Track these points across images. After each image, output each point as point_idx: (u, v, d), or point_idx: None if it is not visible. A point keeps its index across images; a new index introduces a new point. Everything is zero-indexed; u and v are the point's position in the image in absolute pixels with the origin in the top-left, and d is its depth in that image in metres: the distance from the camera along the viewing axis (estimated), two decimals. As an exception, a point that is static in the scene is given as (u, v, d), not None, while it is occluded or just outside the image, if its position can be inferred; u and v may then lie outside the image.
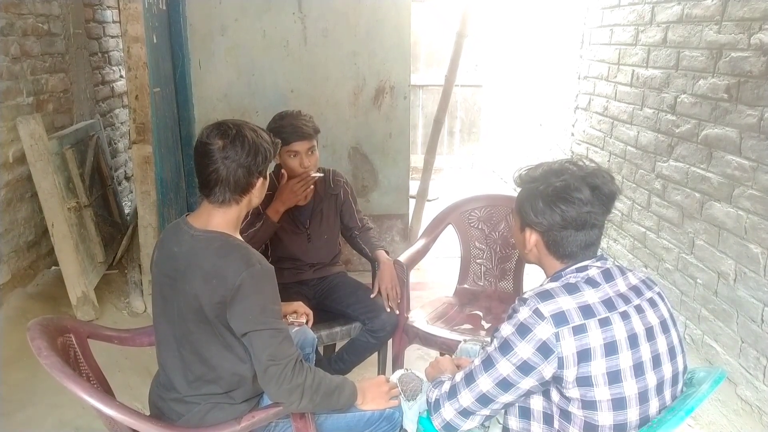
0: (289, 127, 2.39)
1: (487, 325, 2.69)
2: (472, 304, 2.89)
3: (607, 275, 1.44)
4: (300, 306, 2.22)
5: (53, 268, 3.58)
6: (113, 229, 4.13)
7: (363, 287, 2.70)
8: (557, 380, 1.37)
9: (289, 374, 1.57)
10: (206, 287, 1.57)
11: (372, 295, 2.59)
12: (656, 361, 1.40)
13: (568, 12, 4.81)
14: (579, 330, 1.34)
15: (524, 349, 1.37)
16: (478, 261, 3.01)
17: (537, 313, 1.37)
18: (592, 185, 1.42)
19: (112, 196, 4.27)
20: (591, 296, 1.39)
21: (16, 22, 3.33)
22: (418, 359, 3.12)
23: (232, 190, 1.62)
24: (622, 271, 1.48)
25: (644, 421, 1.39)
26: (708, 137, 2.90)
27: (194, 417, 1.67)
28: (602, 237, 1.52)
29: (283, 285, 2.57)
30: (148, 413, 1.80)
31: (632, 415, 1.37)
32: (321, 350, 2.77)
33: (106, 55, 4.88)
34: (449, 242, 3.18)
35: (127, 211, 4.58)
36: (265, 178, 1.70)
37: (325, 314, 2.58)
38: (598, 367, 1.34)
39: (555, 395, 1.41)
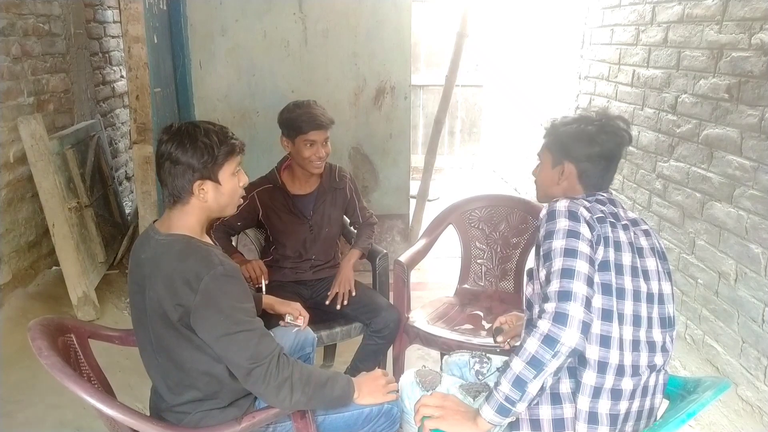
0: (305, 116, 2.39)
1: (487, 326, 2.69)
2: (473, 304, 2.89)
3: (612, 202, 1.67)
4: (297, 307, 2.19)
5: (54, 268, 3.58)
6: (114, 229, 4.13)
7: (362, 287, 2.70)
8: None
9: (274, 371, 1.55)
10: (167, 291, 1.54)
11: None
12: (645, 275, 1.57)
13: (569, 12, 4.81)
14: (600, 220, 1.55)
15: (584, 232, 1.51)
16: (478, 261, 3.00)
17: (572, 201, 1.55)
18: (624, 121, 1.72)
19: (113, 196, 4.27)
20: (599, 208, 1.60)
21: (17, 22, 3.33)
22: (418, 359, 3.12)
23: (170, 187, 1.59)
24: (623, 205, 1.70)
25: (637, 320, 1.51)
26: (709, 137, 2.90)
27: (188, 424, 1.66)
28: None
29: (281, 284, 2.58)
30: (148, 413, 1.80)
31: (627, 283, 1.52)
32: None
33: (106, 55, 4.88)
34: (450, 242, 3.18)
35: (127, 211, 4.58)
36: (214, 181, 1.61)
37: (324, 315, 2.58)
38: (609, 256, 1.51)
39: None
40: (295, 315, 2.15)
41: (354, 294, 2.60)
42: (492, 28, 7.07)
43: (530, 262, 2.95)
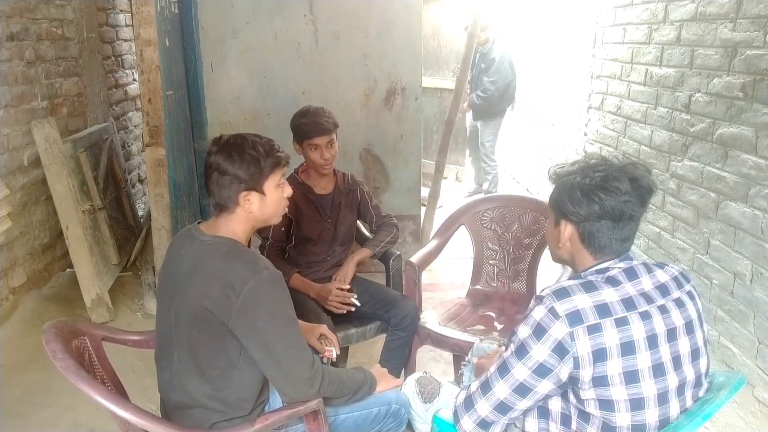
0: (311, 124, 2.56)
1: (499, 327, 2.68)
2: (485, 305, 2.88)
3: (631, 274, 1.42)
4: (326, 330, 2.19)
5: (68, 270, 3.61)
6: (127, 232, 4.16)
7: (374, 284, 2.76)
8: (573, 381, 1.36)
9: (307, 382, 1.62)
10: (209, 289, 1.56)
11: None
12: (677, 363, 1.39)
13: (580, 11, 4.79)
14: (594, 329, 1.33)
15: (540, 351, 1.36)
16: (491, 262, 2.99)
17: (552, 312, 1.35)
18: (631, 176, 1.42)
19: (126, 199, 4.30)
20: (609, 295, 1.37)
21: (31, 26, 3.36)
22: (430, 360, 3.12)
23: (217, 197, 1.64)
24: (649, 269, 1.45)
25: (664, 422, 1.37)
26: (723, 136, 2.87)
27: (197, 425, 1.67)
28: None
29: (300, 291, 2.60)
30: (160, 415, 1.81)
31: (651, 416, 1.36)
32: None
33: (119, 58, 4.92)
34: (462, 243, 3.17)
35: (140, 213, 4.61)
36: (260, 192, 1.65)
37: (339, 316, 2.60)
38: (614, 366, 1.33)
39: (572, 397, 1.40)
40: (323, 350, 2.13)
41: (350, 289, 2.65)
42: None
43: (542, 264, 2.95)
